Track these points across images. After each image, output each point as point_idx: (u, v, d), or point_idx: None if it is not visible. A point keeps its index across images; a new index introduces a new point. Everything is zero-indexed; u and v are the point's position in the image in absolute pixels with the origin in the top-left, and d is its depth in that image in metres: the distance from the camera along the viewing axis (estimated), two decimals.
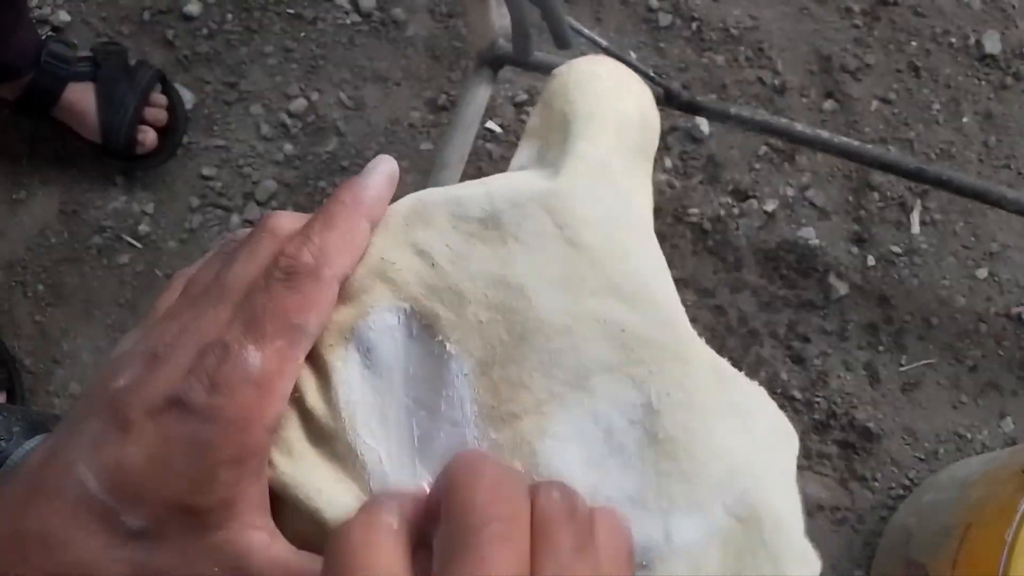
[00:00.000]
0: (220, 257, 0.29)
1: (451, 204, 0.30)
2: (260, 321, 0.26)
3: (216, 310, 0.26)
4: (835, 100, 1.16)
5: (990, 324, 1.08)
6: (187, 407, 0.25)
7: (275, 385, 0.26)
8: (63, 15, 1.20)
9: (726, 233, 1.11)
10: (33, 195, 1.15)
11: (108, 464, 0.24)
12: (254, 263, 0.27)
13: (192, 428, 0.25)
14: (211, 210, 1.14)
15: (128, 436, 0.25)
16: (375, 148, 1.14)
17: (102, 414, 0.25)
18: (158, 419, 0.25)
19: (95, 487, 0.24)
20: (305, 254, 0.27)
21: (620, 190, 0.31)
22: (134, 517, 0.24)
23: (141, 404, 0.25)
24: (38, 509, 0.24)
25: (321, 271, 0.27)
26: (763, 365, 1.07)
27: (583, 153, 0.31)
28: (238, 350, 0.25)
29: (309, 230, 0.27)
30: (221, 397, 0.25)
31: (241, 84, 1.17)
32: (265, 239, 0.28)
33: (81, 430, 0.25)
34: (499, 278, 0.28)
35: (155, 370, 0.25)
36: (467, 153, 0.92)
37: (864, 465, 1.04)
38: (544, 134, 0.33)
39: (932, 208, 1.13)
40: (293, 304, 0.26)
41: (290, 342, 0.26)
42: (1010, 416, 1.06)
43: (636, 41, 1.19)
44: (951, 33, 1.19)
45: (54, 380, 1.09)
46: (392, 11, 1.20)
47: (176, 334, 0.26)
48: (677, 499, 0.27)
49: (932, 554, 0.86)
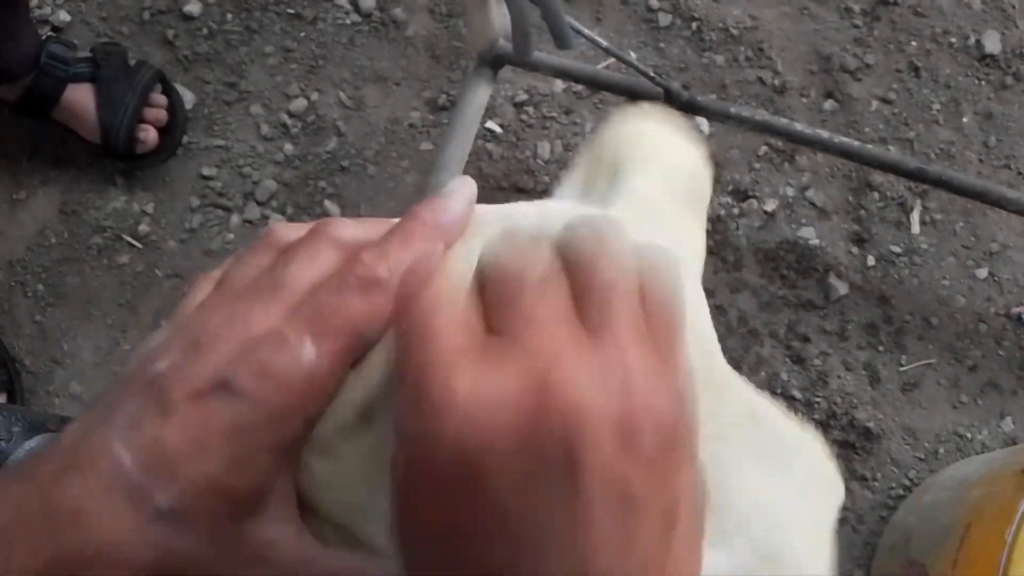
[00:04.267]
0: (261, 254, 0.29)
1: (503, 219, 0.30)
2: (324, 320, 0.26)
3: (268, 305, 0.27)
4: (835, 100, 1.16)
5: (990, 324, 1.08)
6: (232, 391, 0.25)
7: (324, 383, 0.26)
8: (63, 15, 1.20)
9: (726, 233, 1.11)
10: (33, 195, 1.15)
11: (145, 443, 0.25)
12: (314, 267, 0.27)
13: (235, 412, 0.25)
14: (211, 210, 1.14)
15: (168, 417, 0.25)
16: (375, 148, 1.14)
17: (140, 395, 0.26)
18: (200, 401, 0.25)
19: (129, 464, 0.24)
20: (383, 268, 0.27)
21: (667, 226, 0.31)
22: (165, 496, 0.24)
23: (183, 387, 0.25)
24: (70, 483, 0.25)
25: (394, 287, 0.27)
26: (763, 365, 1.07)
27: (633, 189, 0.31)
28: (296, 342, 0.26)
29: (387, 244, 0.28)
30: (270, 385, 0.25)
31: (241, 84, 1.17)
32: (326, 245, 0.28)
33: (118, 410, 0.26)
34: None
35: (198, 355, 0.26)
36: (467, 153, 0.92)
37: (864, 465, 1.04)
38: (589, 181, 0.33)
39: (932, 208, 1.13)
40: (362, 312, 0.26)
41: (348, 347, 0.26)
42: (1010, 416, 1.06)
43: (636, 41, 1.19)
44: (951, 33, 1.19)
45: (54, 380, 1.09)
46: (392, 11, 1.20)
47: (221, 324, 0.26)
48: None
49: (932, 554, 0.86)
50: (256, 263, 0.29)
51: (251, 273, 0.28)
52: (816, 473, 0.31)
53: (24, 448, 0.39)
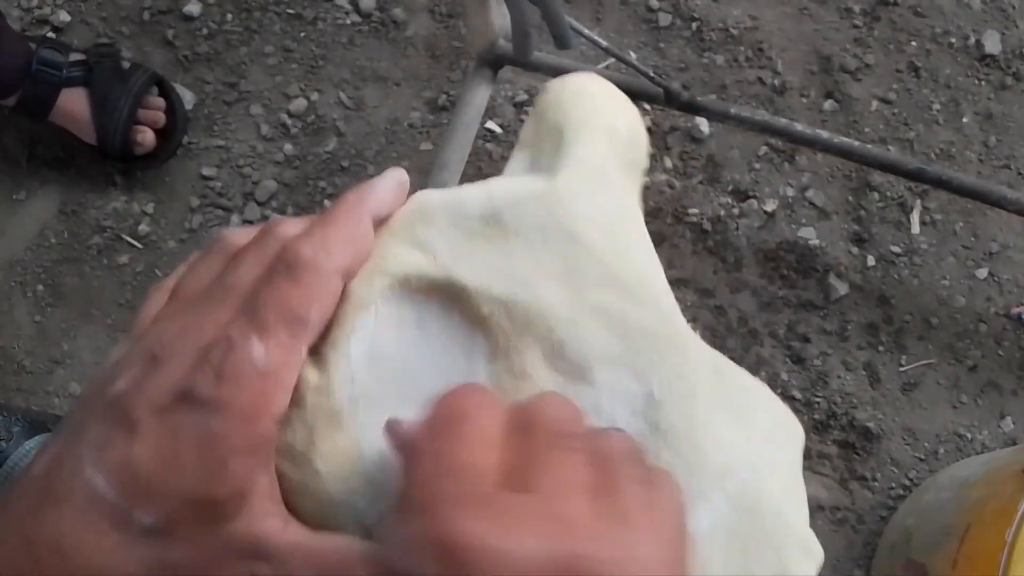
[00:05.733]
0: (211, 261, 0.29)
1: (451, 203, 0.30)
2: (262, 313, 0.26)
3: (219, 311, 0.27)
4: (835, 100, 1.16)
5: (990, 324, 1.08)
6: (195, 400, 0.25)
7: (280, 376, 0.26)
8: (63, 15, 1.20)
9: (726, 233, 1.11)
10: (33, 195, 1.15)
11: (116, 464, 0.25)
12: (260, 265, 0.27)
13: (201, 420, 0.25)
14: (211, 210, 1.14)
15: (135, 435, 0.25)
16: (375, 148, 1.14)
17: (105, 417, 0.25)
18: (164, 415, 0.25)
19: (104, 488, 0.24)
20: (305, 247, 0.27)
21: (615, 192, 0.32)
22: (146, 514, 0.24)
23: (146, 403, 0.25)
24: (47, 515, 0.24)
25: (321, 264, 0.27)
26: (763, 365, 1.07)
27: (579, 156, 0.31)
28: (242, 342, 0.25)
29: (311, 227, 0.28)
30: (229, 387, 0.25)
31: (241, 84, 1.17)
32: (272, 243, 0.28)
33: (84, 435, 0.25)
34: (501, 271, 0.29)
35: (156, 369, 0.26)
36: (467, 153, 0.92)
37: (864, 465, 1.04)
38: (536, 143, 0.33)
39: (932, 208, 1.13)
40: (294, 296, 0.26)
41: (292, 333, 0.26)
42: (1010, 416, 1.06)
43: (636, 41, 1.19)
44: (951, 33, 1.19)
45: (54, 380, 1.09)
46: (392, 11, 1.19)
47: (175, 335, 0.26)
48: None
49: (932, 554, 0.86)
50: (207, 270, 0.29)
51: (203, 280, 0.28)
52: (778, 418, 0.32)
53: (24, 448, 0.39)
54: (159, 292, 0.30)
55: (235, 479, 0.25)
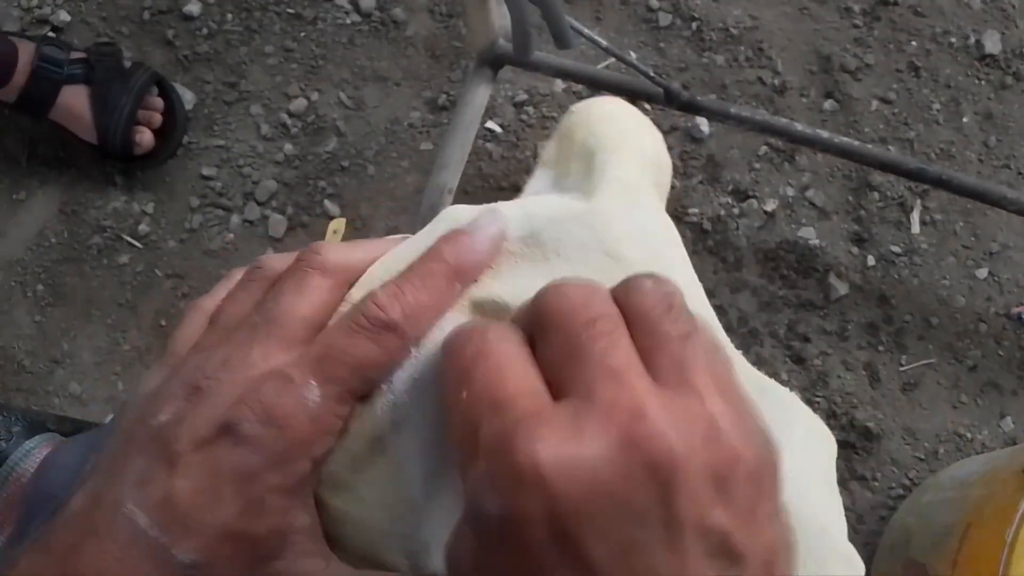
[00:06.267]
0: (251, 288, 0.29)
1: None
2: (332, 362, 0.26)
3: (266, 345, 0.26)
4: (835, 100, 1.16)
5: (990, 324, 1.08)
6: (237, 436, 0.25)
7: (329, 423, 0.26)
8: (63, 15, 1.20)
9: (726, 233, 1.11)
10: (33, 195, 1.15)
11: (156, 499, 0.24)
12: (305, 298, 0.27)
13: (240, 457, 0.24)
14: (211, 210, 1.14)
15: (175, 470, 0.24)
16: (375, 148, 1.14)
17: (146, 451, 0.25)
18: (206, 450, 0.25)
19: (145, 523, 0.24)
20: (396, 310, 0.26)
21: (652, 211, 0.32)
22: (185, 551, 0.24)
23: (188, 437, 0.25)
24: (89, 552, 0.24)
25: (406, 332, 0.26)
26: (763, 365, 1.07)
27: (615, 178, 0.31)
28: (300, 384, 0.25)
29: (404, 284, 0.27)
30: (274, 428, 0.25)
31: (241, 84, 1.17)
32: (314, 274, 0.28)
33: (125, 469, 0.25)
34: None
35: (200, 402, 0.25)
36: (467, 153, 0.92)
37: (864, 465, 1.04)
38: (562, 164, 0.33)
39: (932, 208, 1.13)
40: (371, 356, 0.26)
41: (353, 389, 0.26)
42: (1010, 416, 1.06)
43: (636, 41, 1.19)
44: (951, 33, 1.19)
45: (54, 380, 1.09)
46: (392, 11, 1.19)
47: (219, 366, 0.26)
48: None
49: (932, 554, 0.86)
50: (248, 297, 0.28)
51: (243, 308, 0.28)
52: (812, 429, 0.32)
53: (24, 448, 0.39)
54: (196, 313, 0.29)
55: (272, 517, 0.25)
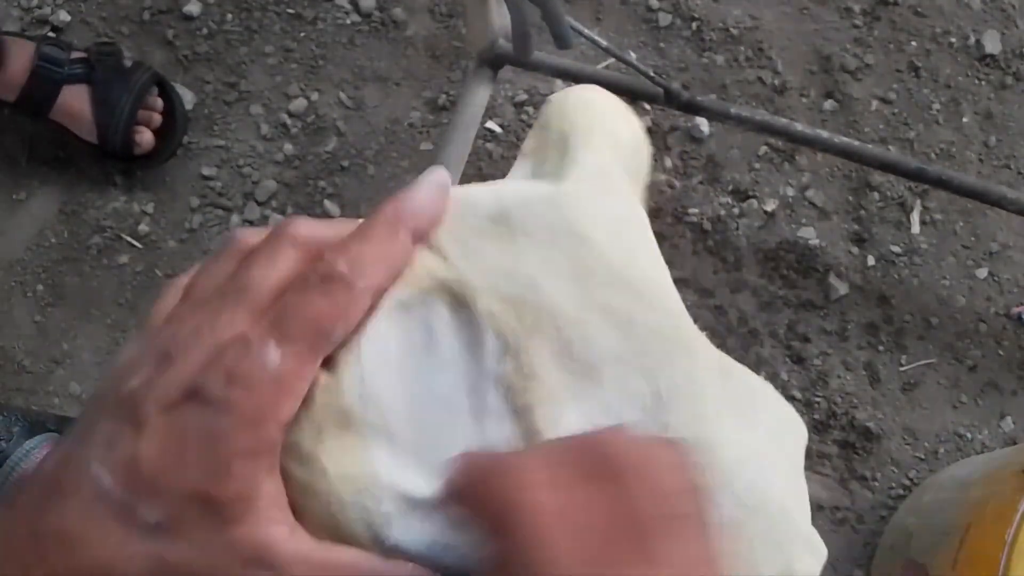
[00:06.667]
0: (224, 261, 0.29)
1: (459, 203, 0.30)
2: (287, 322, 0.26)
3: (233, 311, 0.27)
4: (835, 100, 1.16)
5: (990, 324, 1.08)
6: (203, 399, 0.25)
7: (292, 385, 0.26)
8: (63, 15, 1.20)
9: (726, 233, 1.11)
10: (33, 195, 1.15)
11: (122, 460, 0.25)
12: (274, 268, 0.27)
13: (207, 420, 0.25)
14: (211, 210, 1.14)
15: (142, 432, 0.25)
16: (375, 148, 1.14)
17: (115, 414, 0.26)
18: (172, 413, 0.25)
19: (109, 484, 0.25)
20: (341, 263, 0.27)
21: (621, 195, 0.32)
22: (150, 510, 0.25)
23: (155, 400, 0.25)
24: (54, 509, 0.25)
25: (355, 282, 0.27)
26: (763, 365, 1.07)
27: (585, 161, 0.31)
28: (260, 346, 0.25)
29: (349, 240, 0.28)
30: (238, 390, 0.25)
31: (241, 84, 1.17)
32: (285, 245, 0.28)
33: (94, 432, 0.26)
34: (510, 271, 0.29)
35: (169, 367, 0.26)
36: (467, 153, 0.92)
37: (864, 465, 1.04)
38: (540, 152, 0.34)
39: (932, 208, 1.13)
40: (324, 310, 0.26)
41: (312, 346, 0.26)
42: (1010, 416, 1.06)
43: (636, 41, 1.19)
44: (951, 33, 1.19)
45: (54, 380, 1.09)
46: (392, 11, 1.19)
47: (188, 334, 0.26)
48: None
49: (932, 554, 0.86)
50: (220, 270, 0.29)
51: (216, 280, 0.28)
52: (782, 417, 0.32)
53: (24, 448, 0.39)
54: (172, 289, 0.29)
55: (238, 481, 0.25)
